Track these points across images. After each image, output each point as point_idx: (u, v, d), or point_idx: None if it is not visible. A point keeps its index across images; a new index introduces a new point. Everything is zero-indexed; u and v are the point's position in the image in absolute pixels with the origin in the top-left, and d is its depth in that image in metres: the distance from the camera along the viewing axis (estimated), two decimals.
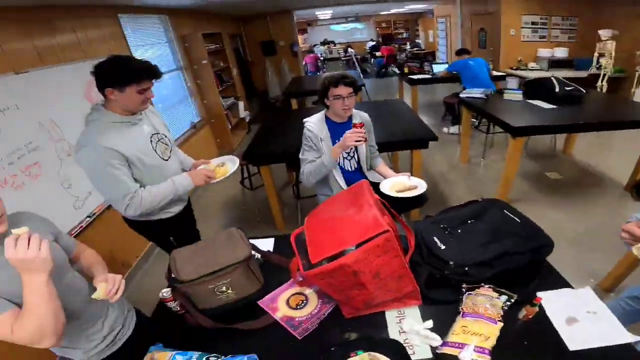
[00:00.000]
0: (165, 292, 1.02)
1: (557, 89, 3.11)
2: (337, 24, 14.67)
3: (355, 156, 1.92)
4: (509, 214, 1.20)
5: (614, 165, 3.53)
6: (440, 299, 1.03)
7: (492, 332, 0.88)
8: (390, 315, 1.01)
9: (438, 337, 0.89)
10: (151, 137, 1.43)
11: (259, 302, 1.07)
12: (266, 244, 1.40)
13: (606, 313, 1.00)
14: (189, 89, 4.40)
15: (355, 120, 1.83)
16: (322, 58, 11.01)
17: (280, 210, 2.87)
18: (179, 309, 1.05)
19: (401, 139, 2.49)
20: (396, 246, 0.85)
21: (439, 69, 5.04)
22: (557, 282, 1.13)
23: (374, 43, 12.96)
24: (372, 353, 0.80)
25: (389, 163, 3.59)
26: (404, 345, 0.89)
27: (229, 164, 1.70)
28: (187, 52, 4.33)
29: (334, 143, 1.77)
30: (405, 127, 2.69)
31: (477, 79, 4.08)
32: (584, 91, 3.10)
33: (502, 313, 0.93)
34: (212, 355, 0.87)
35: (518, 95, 3.29)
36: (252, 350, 0.90)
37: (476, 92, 3.48)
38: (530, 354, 0.89)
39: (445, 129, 4.76)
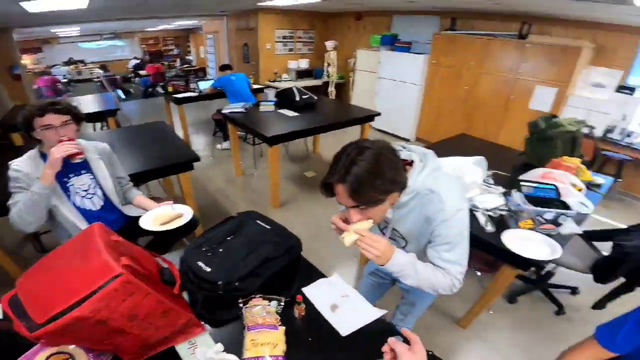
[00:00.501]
0: None
1: (297, 98, 3.69)
2: (89, 41, 12.33)
3: (99, 192, 1.67)
4: (260, 223, 1.28)
5: None
6: (223, 319, 1.04)
7: (277, 338, 0.93)
8: (182, 349, 0.96)
9: (234, 357, 0.88)
10: None
11: None
12: None
13: (355, 294, 1.19)
14: None
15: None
16: (64, 80, 8.91)
17: (22, 269, 2.15)
18: None
19: (162, 165, 2.30)
20: (142, 286, 0.81)
21: (205, 85, 4.98)
22: (314, 274, 1.26)
23: (138, 61, 11.66)
24: None
25: (161, 191, 3.33)
26: None
27: None
28: None
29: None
30: (167, 151, 2.51)
31: (239, 94, 4.31)
32: (316, 98, 3.84)
33: (279, 317, 0.99)
34: None
35: (271, 106, 3.70)
36: None
37: (237, 107, 3.66)
38: (315, 348, 0.97)
39: (218, 146, 4.85)
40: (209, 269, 1.04)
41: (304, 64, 7.08)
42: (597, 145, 2.44)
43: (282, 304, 1.04)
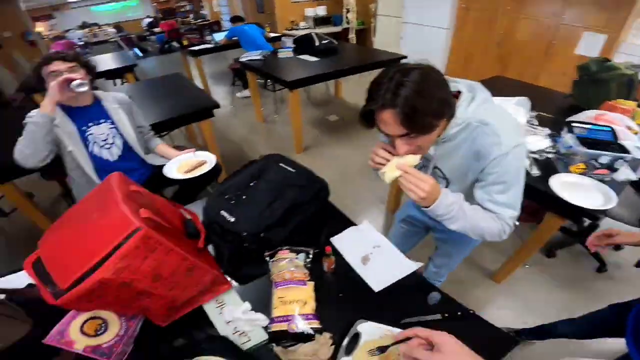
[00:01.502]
0: None
1: (317, 43, 3.48)
2: (100, 4, 12.20)
3: (117, 142, 1.64)
4: (284, 166, 1.18)
5: None
6: (249, 274, 0.97)
7: (307, 294, 0.85)
8: (210, 308, 0.88)
9: (263, 317, 0.83)
10: None
11: (46, 341, 0.77)
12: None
13: (387, 244, 1.08)
14: None
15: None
16: (81, 43, 8.83)
17: None
18: None
19: (182, 113, 2.28)
20: (163, 241, 0.72)
21: (219, 37, 4.84)
22: (342, 222, 1.15)
23: (151, 19, 11.42)
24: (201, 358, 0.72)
25: (184, 141, 3.37)
26: (236, 334, 0.81)
27: None
28: None
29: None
30: (186, 101, 2.48)
31: (254, 42, 4.19)
32: (336, 42, 3.61)
33: (307, 272, 0.91)
34: None
35: (289, 53, 3.55)
36: None
37: (254, 55, 3.54)
38: (347, 305, 0.88)
39: (238, 94, 4.87)
40: (232, 219, 0.97)
41: (321, 10, 6.73)
42: None
43: (311, 256, 0.95)
